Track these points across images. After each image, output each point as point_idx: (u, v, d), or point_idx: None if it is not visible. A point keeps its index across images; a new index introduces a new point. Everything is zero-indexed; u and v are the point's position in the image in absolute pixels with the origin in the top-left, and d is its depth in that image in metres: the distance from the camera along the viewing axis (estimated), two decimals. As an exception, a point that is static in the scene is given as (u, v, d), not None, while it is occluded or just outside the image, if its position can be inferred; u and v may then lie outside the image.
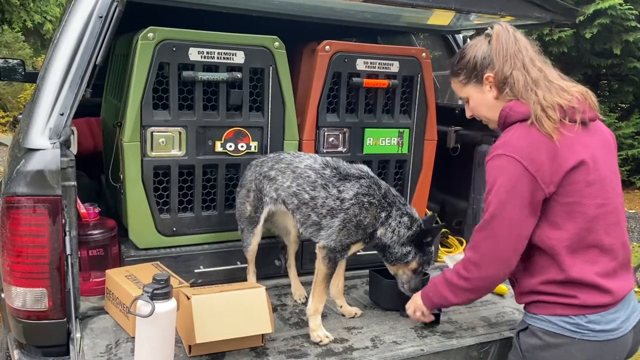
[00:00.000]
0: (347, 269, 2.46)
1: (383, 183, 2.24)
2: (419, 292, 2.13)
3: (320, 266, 2.19)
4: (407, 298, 2.43)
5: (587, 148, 1.71)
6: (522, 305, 1.91)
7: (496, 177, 1.72)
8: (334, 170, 2.23)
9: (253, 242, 2.42)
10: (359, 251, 2.32)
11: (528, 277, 1.83)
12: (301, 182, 2.24)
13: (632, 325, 1.77)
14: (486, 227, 1.76)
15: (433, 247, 2.31)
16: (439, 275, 2.02)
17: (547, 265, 1.76)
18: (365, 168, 2.29)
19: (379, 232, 2.18)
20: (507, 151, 1.71)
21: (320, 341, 2.11)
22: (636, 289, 5.20)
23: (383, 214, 2.16)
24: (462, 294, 1.90)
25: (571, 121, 1.71)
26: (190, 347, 1.97)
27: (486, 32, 1.87)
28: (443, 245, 3.20)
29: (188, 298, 1.97)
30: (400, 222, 2.17)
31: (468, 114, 2.01)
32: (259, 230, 2.40)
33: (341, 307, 2.39)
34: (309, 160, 2.29)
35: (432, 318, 2.20)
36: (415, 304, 2.13)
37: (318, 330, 2.14)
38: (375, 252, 2.30)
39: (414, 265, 2.23)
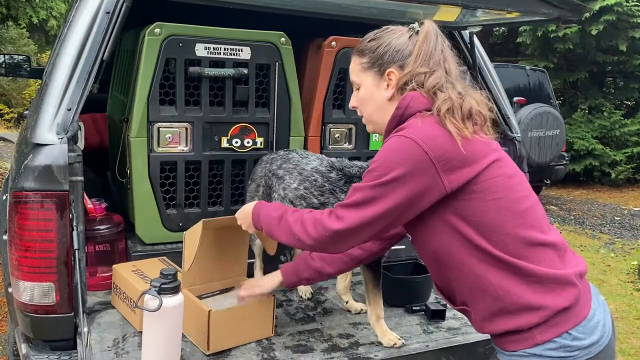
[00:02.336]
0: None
1: None
2: (256, 203, 1.83)
3: (366, 272, 2.16)
4: (413, 294, 2.44)
5: (495, 151, 1.54)
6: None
7: (388, 157, 1.46)
8: (340, 173, 2.22)
9: (259, 237, 2.42)
10: None
11: (480, 293, 1.50)
12: (308, 185, 2.23)
13: (610, 325, 1.53)
14: (362, 205, 1.48)
15: None
16: (292, 209, 1.72)
17: (495, 274, 1.47)
18: (362, 164, 2.26)
19: None
20: (407, 133, 1.45)
21: (395, 344, 2.08)
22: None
23: None
24: (294, 239, 1.61)
25: (477, 126, 1.53)
26: (209, 344, 1.98)
27: (412, 25, 1.62)
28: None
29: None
30: None
31: (352, 104, 1.73)
32: (266, 226, 2.40)
33: (347, 302, 2.39)
34: (316, 162, 2.28)
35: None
36: (242, 214, 1.87)
37: (388, 335, 2.11)
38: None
39: None
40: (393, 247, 2.23)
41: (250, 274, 2.53)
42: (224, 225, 2.06)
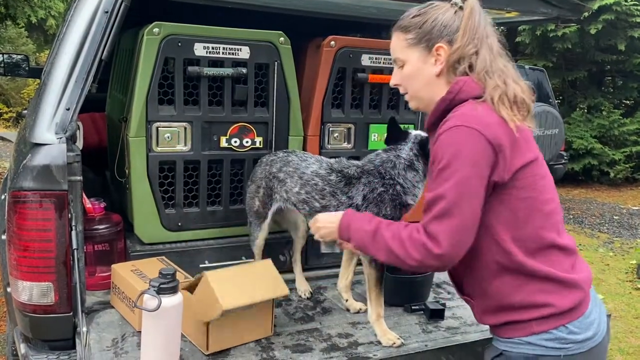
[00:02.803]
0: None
1: (377, 163, 2.17)
2: (340, 215, 1.73)
3: (369, 271, 2.16)
4: (412, 293, 2.44)
5: (536, 148, 1.56)
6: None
7: (456, 151, 1.43)
8: (339, 175, 2.21)
9: (260, 237, 2.42)
10: None
11: (490, 289, 1.56)
12: (309, 189, 2.23)
13: (605, 324, 1.59)
14: (450, 213, 1.44)
15: None
16: (386, 222, 1.63)
17: (510, 273, 1.52)
18: (357, 163, 2.26)
19: (409, 199, 2.15)
20: (468, 123, 1.44)
21: (394, 343, 2.08)
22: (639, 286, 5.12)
23: (397, 187, 2.12)
24: (394, 258, 1.54)
25: (524, 116, 1.54)
26: (208, 343, 1.97)
27: (454, 1, 1.59)
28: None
29: (198, 281, 1.97)
30: (404, 179, 2.13)
31: (393, 81, 1.68)
32: (266, 226, 2.41)
33: (347, 301, 2.39)
34: (315, 166, 2.27)
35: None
36: (325, 222, 1.78)
37: (388, 334, 2.12)
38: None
39: None
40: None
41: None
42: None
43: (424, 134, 2.21)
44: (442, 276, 2.82)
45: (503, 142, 1.43)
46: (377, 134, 2.81)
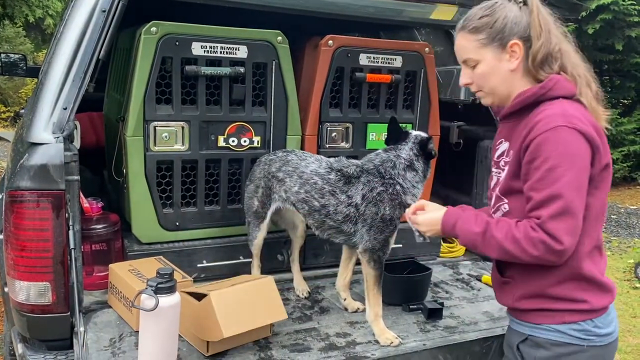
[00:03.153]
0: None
1: (377, 162, 2.19)
2: (440, 212, 1.76)
3: (367, 270, 2.17)
4: (409, 294, 2.44)
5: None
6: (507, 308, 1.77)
7: (563, 152, 1.49)
8: (338, 174, 2.22)
9: (259, 237, 2.42)
10: None
11: (535, 277, 1.63)
12: (309, 188, 2.23)
13: (617, 322, 1.69)
14: (568, 211, 1.50)
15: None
16: (497, 218, 1.68)
17: (560, 267, 1.59)
18: (356, 162, 2.26)
19: (409, 199, 2.15)
20: (570, 123, 1.50)
21: (392, 343, 2.09)
22: (638, 285, 5.13)
23: (397, 187, 2.13)
24: (508, 256, 1.58)
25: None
26: (208, 346, 1.97)
27: None
28: (445, 241, 3.20)
29: (203, 296, 1.96)
30: (408, 177, 2.16)
31: (465, 81, 1.73)
32: (265, 226, 2.40)
33: (345, 300, 2.39)
34: (314, 165, 2.27)
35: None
36: (427, 225, 1.79)
37: (385, 334, 2.12)
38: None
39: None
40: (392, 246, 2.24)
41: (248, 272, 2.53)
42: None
43: (424, 134, 2.21)
44: (439, 276, 2.82)
45: (597, 142, 1.52)
46: (375, 134, 2.81)
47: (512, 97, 1.66)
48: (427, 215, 1.79)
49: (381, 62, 2.75)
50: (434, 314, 2.32)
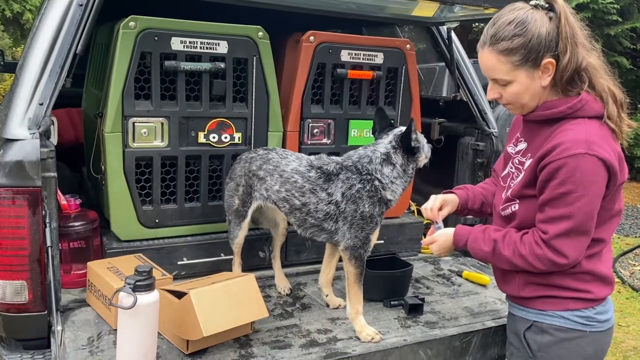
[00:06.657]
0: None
1: (355, 158, 2.18)
2: (449, 237, 1.89)
3: (348, 268, 2.16)
4: (390, 289, 2.45)
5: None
6: (506, 295, 1.88)
7: (581, 178, 1.54)
8: (319, 171, 2.21)
9: (240, 235, 2.40)
10: None
11: (546, 279, 1.72)
12: (289, 187, 2.21)
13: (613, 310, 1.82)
14: (577, 231, 1.59)
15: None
16: (504, 232, 1.76)
17: (569, 274, 1.69)
18: (337, 159, 2.26)
19: (388, 195, 2.16)
20: (591, 150, 1.53)
21: (372, 339, 2.09)
22: (616, 279, 5.20)
23: (376, 183, 2.13)
24: (517, 268, 1.72)
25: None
26: (188, 344, 1.95)
27: (536, 3, 1.60)
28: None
29: (183, 294, 1.94)
30: (389, 172, 2.16)
31: (493, 96, 1.70)
32: (246, 224, 2.39)
33: (327, 296, 2.39)
34: (295, 163, 2.25)
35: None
36: (441, 250, 1.94)
37: (366, 330, 2.12)
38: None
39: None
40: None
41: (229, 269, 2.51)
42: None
43: (403, 128, 2.21)
44: (420, 272, 2.83)
45: (616, 169, 1.57)
46: (357, 130, 2.81)
47: (539, 106, 1.67)
48: (438, 244, 1.94)
49: (363, 59, 2.74)
50: (415, 310, 2.33)
